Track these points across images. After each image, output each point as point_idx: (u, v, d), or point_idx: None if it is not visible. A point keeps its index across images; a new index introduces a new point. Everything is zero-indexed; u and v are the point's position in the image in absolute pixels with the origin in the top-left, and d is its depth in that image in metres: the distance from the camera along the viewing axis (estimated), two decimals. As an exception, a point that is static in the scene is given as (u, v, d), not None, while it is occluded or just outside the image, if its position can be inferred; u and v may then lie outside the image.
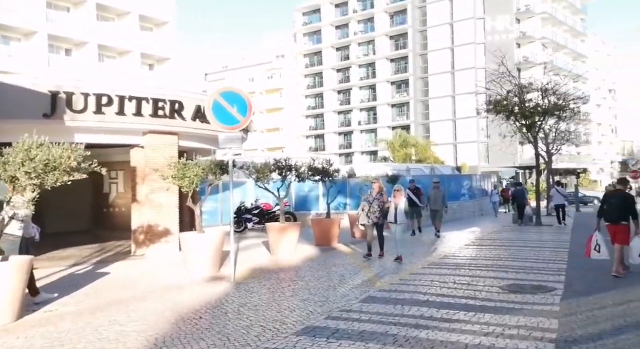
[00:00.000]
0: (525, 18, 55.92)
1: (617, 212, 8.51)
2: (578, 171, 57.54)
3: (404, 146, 45.28)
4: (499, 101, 19.85)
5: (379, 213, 10.60)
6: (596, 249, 8.84)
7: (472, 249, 12.28)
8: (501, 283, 7.89)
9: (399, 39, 61.25)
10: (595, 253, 8.84)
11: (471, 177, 28.44)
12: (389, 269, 9.41)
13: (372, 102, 63.07)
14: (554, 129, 24.28)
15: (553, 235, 15.56)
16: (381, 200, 10.66)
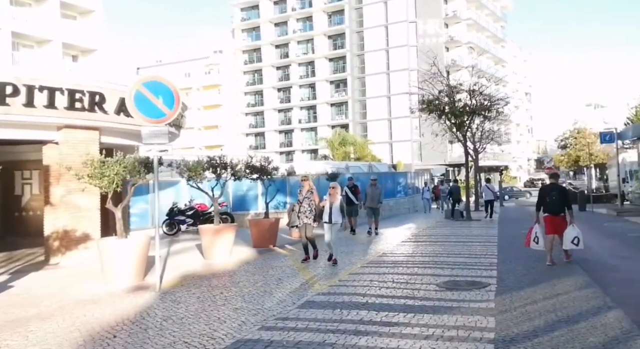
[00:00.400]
0: (453, 23, 58.28)
1: (557, 204, 9.03)
2: (501, 168, 60.74)
3: (343, 144, 45.62)
4: (431, 100, 20.37)
5: (309, 213, 9.88)
6: (535, 241, 9.27)
7: (409, 246, 12.34)
8: (438, 280, 7.87)
9: (337, 39, 61.69)
10: (534, 244, 9.27)
11: (406, 174, 29.03)
12: (327, 271, 9.16)
13: (312, 101, 63.05)
14: (481, 129, 25.50)
15: (482, 229, 16.08)
16: (312, 199, 9.96)
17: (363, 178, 24.49)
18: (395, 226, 18.41)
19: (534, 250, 10.63)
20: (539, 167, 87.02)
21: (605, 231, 14.74)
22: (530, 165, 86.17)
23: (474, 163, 26.24)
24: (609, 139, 22.41)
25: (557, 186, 9.50)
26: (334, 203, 9.65)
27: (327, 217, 9.62)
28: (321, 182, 20.06)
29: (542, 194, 9.47)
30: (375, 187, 15.13)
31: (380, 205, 15.30)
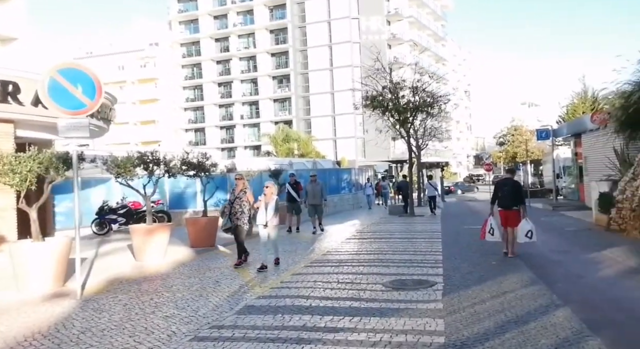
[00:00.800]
0: (395, 20, 59.18)
1: (510, 199, 9.30)
2: (442, 164, 62.61)
3: (286, 140, 45.09)
4: (375, 96, 20.31)
5: (241, 214, 9.03)
6: (490, 233, 9.51)
7: (354, 243, 12.08)
8: (384, 279, 7.59)
9: (279, 34, 60.95)
10: (489, 236, 9.51)
11: (350, 171, 28.97)
12: (269, 271, 8.67)
13: (255, 96, 62.02)
14: (423, 126, 25.96)
15: (426, 225, 16.16)
16: (244, 199, 9.08)
17: (307, 175, 24.14)
18: (339, 222, 18.20)
19: (477, 246, 10.75)
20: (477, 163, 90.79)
21: (543, 226, 15.17)
22: (469, 161, 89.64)
23: (416, 159, 26.65)
24: (544, 136, 23.37)
25: (511, 180, 9.74)
26: (270, 203, 8.74)
27: (263, 218, 8.71)
28: (264, 179, 19.51)
29: (497, 188, 9.74)
30: (315, 183, 14.54)
31: (324, 202, 14.77)
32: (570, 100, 42.32)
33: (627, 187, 12.57)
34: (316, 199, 14.32)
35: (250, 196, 9.14)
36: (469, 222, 16.79)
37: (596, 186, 14.50)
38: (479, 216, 19.46)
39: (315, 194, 14.32)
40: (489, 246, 10.62)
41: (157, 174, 10.35)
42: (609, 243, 10.47)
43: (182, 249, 11.27)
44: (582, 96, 41.50)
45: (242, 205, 9.02)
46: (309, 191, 14.46)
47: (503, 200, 9.38)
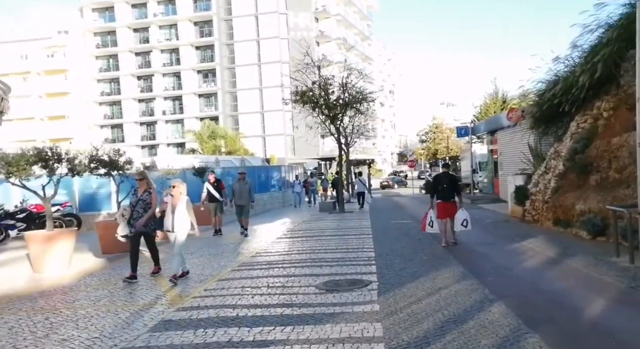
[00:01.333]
0: (322, 18, 59.26)
1: (449, 191, 9.85)
2: (368, 161, 63.89)
3: (212, 137, 43.52)
4: (305, 92, 19.96)
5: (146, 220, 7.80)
6: (430, 225, 9.93)
7: (285, 243, 11.60)
8: (317, 280, 7.20)
9: (204, 26, 58.78)
10: (429, 228, 9.92)
11: (280, 168, 28.45)
12: (192, 278, 7.96)
13: (178, 91, 59.37)
14: (353, 122, 26.21)
15: (356, 221, 16.06)
16: (148, 201, 7.88)
17: (235, 173, 23.29)
18: (269, 221, 17.65)
19: (407, 241, 10.73)
20: (401, 160, 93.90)
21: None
22: (393, 158, 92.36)
23: (345, 156, 26.83)
24: (464, 133, 24.30)
25: (448, 174, 10.34)
26: (178, 205, 7.57)
27: (169, 223, 7.57)
28: (188, 177, 18.46)
29: (436, 182, 10.24)
30: (243, 182, 13.24)
31: (252, 203, 13.47)
32: (483, 100, 44.94)
33: (540, 180, 13.20)
34: (243, 200, 13.10)
35: (155, 198, 7.96)
36: (397, 217, 16.96)
37: (512, 180, 15.13)
38: (405, 211, 19.82)
39: (243, 194, 13.09)
40: (418, 241, 10.64)
41: (59, 174, 9.18)
42: (527, 234, 10.86)
43: (91, 256, 10.20)
44: (494, 96, 44.21)
45: (146, 208, 7.81)
46: (235, 190, 13.26)
47: (442, 193, 9.86)
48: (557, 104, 12.17)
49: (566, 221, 10.42)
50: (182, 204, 7.58)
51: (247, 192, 13.18)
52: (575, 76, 11.17)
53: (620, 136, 9.43)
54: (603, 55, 9.74)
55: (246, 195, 13.16)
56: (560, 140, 12.92)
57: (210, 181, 13.79)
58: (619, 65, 9.55)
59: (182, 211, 7.55)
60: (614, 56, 9.65)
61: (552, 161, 12.84)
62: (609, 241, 8.66)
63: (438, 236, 10.91)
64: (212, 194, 13.57)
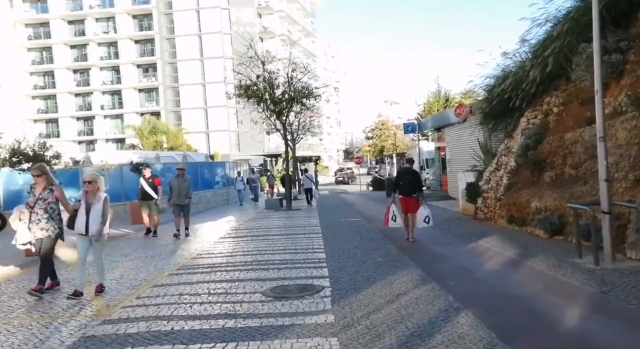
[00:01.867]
0: (266, 14, 58.25)
1: (410, 187, 9.87)
2: (314, 158, 63.59)
3: (154, 133, 41.48)
4: (249, 86, 19.15)
5: (46, 222, 6.51)
6: (393, 220, 10.02)
7: (228, 243, 10.80)
8: (264, 285, 6.53)
9: (143, 20, 56.22)
10: (392, 222, 10.02)
11: (224, 164, 27.39)
12: (124, 282, 7.07)
13: (117, 85, 56.46)
14: (298, 119, 25.80)
15: (303, 219, 15.48)
16: (50, 201, 6.59)
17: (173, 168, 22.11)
18: (212, 220, 16.74)
19: (359, 241, 10.28)
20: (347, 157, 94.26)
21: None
22: (339, 155, 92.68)
23: (292, 153, 26.34)
24: (411, 129, 24.31)
25: (411, 170, 10.28)
26: (95, 205, 6.43)
27: (82, 225, 6.40)
28: (125, 174, 17.25)
29: (398, 177, 10.33)
30: (182, 178, 12.10)
31: (188, 200, 12.20)
32: (427, 98, 45.84)
33: (492, 177, 13.15)
34: (182, 198, 12.00)
35: (61, 195, 6.68)
36: (346, 215, 16.54)
37: (462, 177, 15.08)
38: (354, 208, 19.46)
39: (181, 192, 11.99)
40: (370, 240, 10.20)
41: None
42: (482, 232, 10.66)
43: (11, 260, 8.99)
44: (437, 94, 45.21)
45: (47, 209, 6.55)
46: (173, 187, 12.08)
47: (404, 188, 9.88)
48: (507, 99, 12.13)
49: (521, 219, 10.30)
50: (98, 203, 6.46)
51: (186, 190, 12.02)
52: (526, 71, 11.12)
53: (574, 131, 9.38)
54: (553, 49, 9.67)
55: (185, 193, 12.02)
56: (510, 136, 12.92)
57: (144, 177, 12.55)
58: (569, 59, 9.52)
59: (98, 211, 6.43)
60: (564, 50, 9.60)
61: (504, 157, 12.82)
62: (568, 240, 8.52)
63: (391, 236, 10.63)
64: (146, 190, 12.38)
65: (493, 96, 12.68)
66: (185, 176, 12.28)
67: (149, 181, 12.43)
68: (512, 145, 12.55)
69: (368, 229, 12.30)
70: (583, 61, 8.59)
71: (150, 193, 12.30)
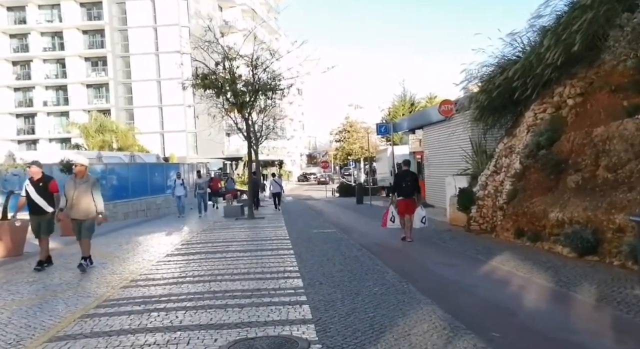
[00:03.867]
0: (227, 7, 55.41)
1: (411, 188, 10.07)
2: (277, 162, 61.24)
3: (101, 131, 37.94)
4: (207, 74, 16.78)
5: None
6: (392, 220, 10.26)
7: (175, 264, 8.44)
8: (220, 337, 4.36)
9: (92, 8, 52.25)
10: (390, 223, 10.28)
11: (178, 167, 24.69)
12: (7, 333, 4.67)
13: (62, 80, 52.19)
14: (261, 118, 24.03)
15: (270, 230, 13.24)
16: None
17: (121, 170, 19.42)
18: (160, 230, 14.25)
19: (340, 259, 8.21)
20: (310, 162, 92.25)
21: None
22: (302, 160, 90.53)
23: (255, 155, 24.39)
24: (384, 130, 22.49)
25: (410, 172, 10.55)
26: None
27: None
28: (55, 173, 14.64)
29: (398, 180, 10.39)
30: (81, 179, 7.93)
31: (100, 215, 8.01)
32: (392, 102, 44.72)
33: (489, 182, 11.41)
34: (80, 210, 7.80)
35: None
36: (317, 225, 14.44)
37: (452, 181, 13.30)
38: (324, 217, 17.37)
39: (80, 200, 7.77)
40: (354, 259, 8.12)
41: None
42: (487, 249, 8.81)
43: None
44: (402, 98, 44.14)
45: None
46: (67, 193, 7.90)
47: (405, 190, 10.07)
48: (512, 89, 10.41)
49: (534, 232, 8.51)
50: None
51: (87, 197, 7.81)
52: (540, 54, 9.38)
53: (606, 125, 7.66)
54: (583, 22, 7.92)
55: (87, 201, 7.79)
56: (511, 134, 11.21)
57: (32, 179, 8.30)
58: (602, 35, 7.80)
59: None
60: (599, 21, 7.85)
61: (504, 158, 11.08)
62: (605, 261, 6.75)
63: (378, 252, 8.84)
64: (34, 201, 8.19)
65: (493, 86, 10.91)
66: (87, 176, 8.11)
67: (40, 186, 8.22)
68: (515, 144, 10.83)
69: (348, 243, 10.24)
70: (625, 35, 6.88)
71: (39, 204, 8.18)
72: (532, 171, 9.68)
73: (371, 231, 13.03)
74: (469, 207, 11.65)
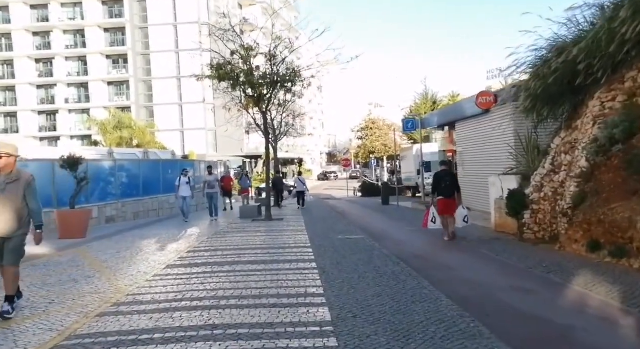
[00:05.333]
0: (247, 4, 54.40)
1: (451, 188, 10.03)
2: (297, 160, 59.89)
3: (118, 128, 37.11)
4: (222, 64, 15.43)
5: None
6: (433, 221, 10.11)
7: (175, 279, 7.00)
8: None
9: (113, 6, 51.66)
10: (432, 224, 10.13)
11: (193, 164, 23.44)
12: None
13: (84, 77, 51.82)
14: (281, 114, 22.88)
15: (289, 235, 11.75)
16: None
17: (131, 167, 18.25)
18: (168, 233, 12.83)
19: (374, 276, 6.57)
20: (330, 161, 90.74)
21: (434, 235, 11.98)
22: (322, 158, 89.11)
23: (273, 152, 23.09)
24: (411, 126, 20.76)
25: (449, 172, 10.48)
26: None
27: None
28: (57, 171, 13.49)
29: (438, 180, 10.23)
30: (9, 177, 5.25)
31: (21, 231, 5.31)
32: (413, 100, 42.96)
33: (545, 182, 9.69)
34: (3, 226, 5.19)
35: None
36: (342, 229, 12.87)
37: (497, 182, 11.58)
38: (349, 220, 15.80)
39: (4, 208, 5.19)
40: (393, 278, 6.53)
41: None
42: (558, 267, 7.10)
43: None
44: (424, 96, 42.31)
45: None
46: None
47: (445, 190, 10.03)
48: (573, 74, 8.68)
49: (617, 247, 6.83)
50: None
51: (13, 203, 5.23)
52: (613, 29, 7.66)
53: None
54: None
55: (13, 210, 5.22)
56: (570, 127, 9.48)
57: None
58: None
59: None
60: None
61: (563, 155, 9.36)
62: None
63: (422, 268, 7.22)
64: None
65: (549, 70, 9.18)
66: (19, 172, 5.39)
67: None
68: (578, 138, 9.09)
69: (381, 254, 8.67)
70: None
71: None
72: (604, 170, 7.96)
73: (406, 238, 11.45)
74: (521, 212, 9.95)
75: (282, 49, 15.93)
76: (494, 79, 27.32)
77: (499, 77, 26.63)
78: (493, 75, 28.48)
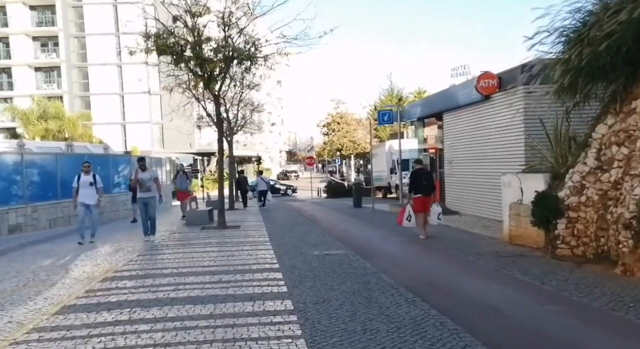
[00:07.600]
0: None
1: (429, 186, 10.23)
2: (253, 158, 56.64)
3: (44, 118, 32.51)
4: (160, 34, 12.37)
5: None
6: (408, 219, 10.11)
7: (58, 343, 4.08)
8: None
9: (41, -19, 46.32)
10: (406, 222, 10.12)
11: (129, 160, 19.94)
12: None
13: (5, 61, 46.05)
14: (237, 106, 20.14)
15: (248, 250, 8.92)
16: None
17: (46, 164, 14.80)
18: (85, 248, 9.59)
19: (390, 320, 3.90)
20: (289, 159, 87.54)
21: (432, 247, 9.55)
22: (282, 157, 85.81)
23: (228, 147, 20.34)
24: (387, 119, 18.34)
25: (426, 170, 10.81)
26: None
27: None
28: None
29: (416, 178, 10.13)
30: None
31: None
32: (378, 97, 41.30)
33: (588, 183, 7.44)
34: None
35: None
36: (315, 239, 10.16)
37: (515, 181, 9.22)
38: (320, 226, 12.93)
39: None
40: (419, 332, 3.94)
41: None
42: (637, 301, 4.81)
43: None
44: (390, 92, 40.73)
45: None
46: None
47: (424, 188, 10.06)
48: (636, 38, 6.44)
49: None
50: None
51: None
52: None
53: None
54: None
55: None
56: (622, 111, 7.26)
57: None
58: None
59: None
60: None
61: (615, 147, 7.14)
62: None
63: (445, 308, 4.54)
64: None
65: (601, 33, 6.89)
66: None
67: None
68: (632, 124, 6.89)
69: (380, 281, 6.10)
70: None
71: None
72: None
73: (401, 253, 8.97)
74: (552, 220, 7.68)
75: (240, 14, 12.98)
76: (459, 77, 27.11)
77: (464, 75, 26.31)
78: (457, 73, 28.45)
